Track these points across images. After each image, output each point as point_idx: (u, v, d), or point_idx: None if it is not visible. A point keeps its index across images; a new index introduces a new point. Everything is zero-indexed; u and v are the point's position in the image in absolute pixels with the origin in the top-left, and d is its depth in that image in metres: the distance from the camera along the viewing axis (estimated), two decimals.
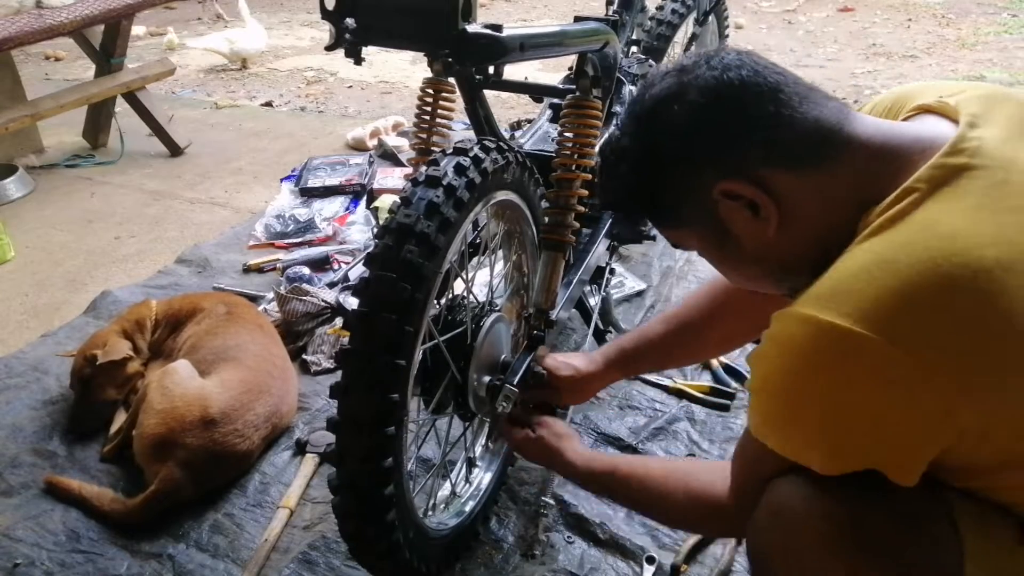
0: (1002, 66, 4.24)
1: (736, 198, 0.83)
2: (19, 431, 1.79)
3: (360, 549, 1.17)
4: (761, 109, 0.81)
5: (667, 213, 0.92)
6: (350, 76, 4.92)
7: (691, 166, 0.85)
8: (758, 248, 0.87)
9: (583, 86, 1.35)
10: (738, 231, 0.86)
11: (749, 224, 0.84)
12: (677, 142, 0.85)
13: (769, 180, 0.81)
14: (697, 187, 0.85)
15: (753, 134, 0.81)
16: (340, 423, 1.05)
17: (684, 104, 0.84)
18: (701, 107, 0.83)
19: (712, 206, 0.85)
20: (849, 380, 0.74)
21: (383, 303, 1.02)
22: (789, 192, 0.82)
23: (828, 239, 0.82)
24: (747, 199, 0.82)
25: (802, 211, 0.82)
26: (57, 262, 2.65)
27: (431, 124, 1.46)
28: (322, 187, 2.90)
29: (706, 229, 0.89)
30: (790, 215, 0.82)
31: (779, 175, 0.81)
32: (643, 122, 0.88)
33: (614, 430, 1.71)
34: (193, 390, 1.59)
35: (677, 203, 0.89)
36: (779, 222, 0.83)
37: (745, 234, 0.86)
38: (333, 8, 1.12)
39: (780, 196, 0.82)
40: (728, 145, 0.82)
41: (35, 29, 2.75)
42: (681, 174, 0.86)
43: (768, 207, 0.82)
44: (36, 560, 1.46)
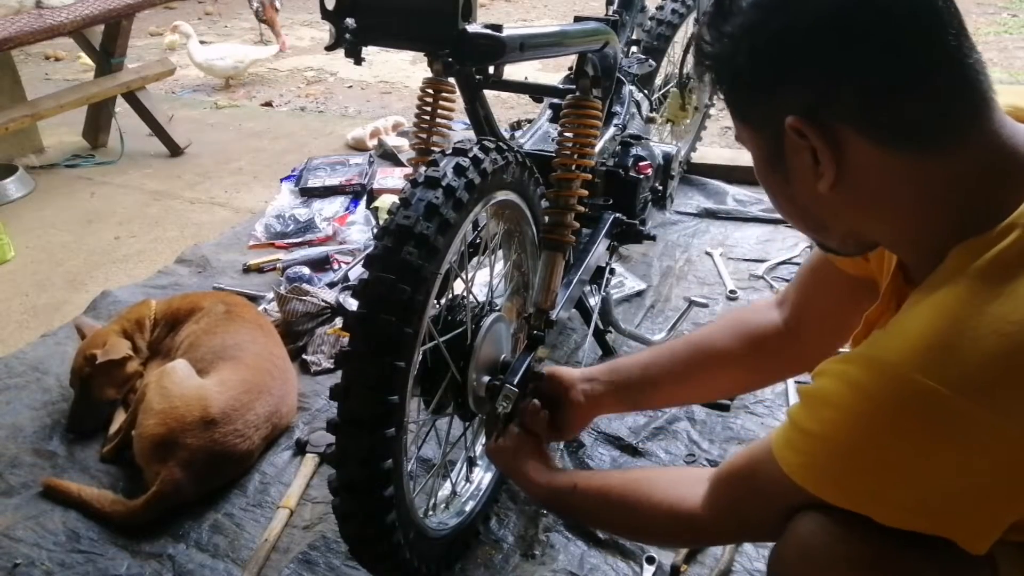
0: (1002, 66, 4.24)
1: (804, 138, 0.72)
2: (19, 431, 1.79)
3: (360, 550, 1.17)
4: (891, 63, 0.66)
5: (741, 99, 0.79)
6: (350, 76, 4.92)
7: (784, 77, 0.72)
8: (803, 194, 0.77)
9: (583, 86, 1.35)
10: (792, 169, 0.76)
11: (805, 168, 0.74)
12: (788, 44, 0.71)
13: (848, 142, 0.70)
14: (778, 101, 0.73)
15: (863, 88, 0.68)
16: (340, 425, 1.05)
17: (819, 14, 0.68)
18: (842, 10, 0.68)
19: (782, 132, 0.73)
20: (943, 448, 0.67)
21: (383, 305, 1.02)
22: (865, 164, 0.71)
23: (891, 229, 0.75)
24: (811, 145, 0.72)
25: (870, 188, 0.72)
26: (57, 262, 2.65)
27: (431, 124, 1.46)
28: (322, 187, 2.90)
29: (766, 145, 0.78)
30: (853, 184, 0.72)
31: (863, 143, 0.70)
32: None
33: (614, 430, 1.71)
34: (192, 390, 1.59)
35: (754, 99, 0.77)
36: (834, 184, 0.73)
37: (798, 176, 0.76)
38: (333, 8, 1.12)
39: (851, 162, 0.71)
40: (834, 79, 0.69)
41: (35, 29, 2.75)
42: (772, 77, 0.73)
43: (828, 167, 0.72)
44: (36, 560, 1.46)
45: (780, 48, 0.71)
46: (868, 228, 0.78)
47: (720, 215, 2.65)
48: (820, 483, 0.76)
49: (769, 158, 0.79)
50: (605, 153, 1.83)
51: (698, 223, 2.61)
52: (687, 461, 1.62)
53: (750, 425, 1.71)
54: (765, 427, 1.70)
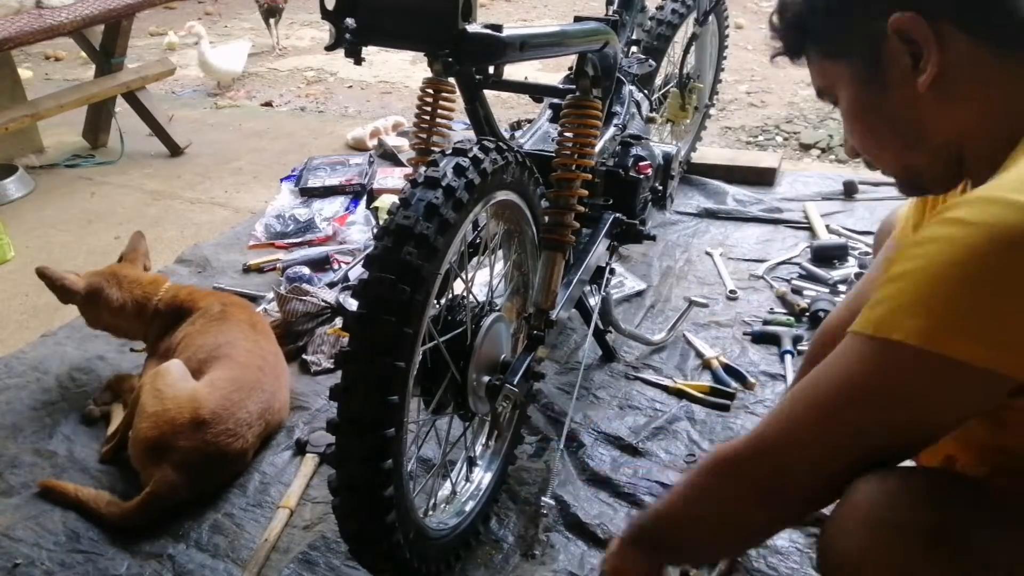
0: None
1: (906, 41, 0.76)
2: (19, 431, 1.79)
3: (361, 549, 1.17)
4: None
5: (832, 34, 0.84)
6: (350, 76, 4.92)
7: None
8: (901, 103, 0.81)
9: (583, 86, 1.35)
10: (892, 78, 0.80)
11: (905, 74, 0.78)
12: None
13: (948, 38, 0.75)
14: (876, 12, 0.78)
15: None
16: (340, 424, 1.05)
17: None
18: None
19: (880, 39, 0.78)
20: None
21: (382, 305, 1.02)
22: (961, 61, 0.75)
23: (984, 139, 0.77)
24: (916, 46, 0.76)
25: (964, 87, 0.76)
26: (57, 262, 2.63)
27: (431, 124, 1.46)
28: (322, 187, 2.90)
29: (863, 64, 0.82)
30: (949, 84, 0.76)
31: (961, 39, 0.75)
32: None
33: (614, 429, 1.71)
34: (184, 392, 1.58)
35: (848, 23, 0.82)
36: (934, 83, 0.76)
37: (896, 83, 0.80)
38: (333, 8, 1.12)
39: (950, 59, 0.75)
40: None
41: (35, 29, 2.75)
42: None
43: (930, 61, 0.75)
44: (36, 560, 1.46)
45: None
46: (961, 129, 0.79)
47: (720, 215, 2.65)
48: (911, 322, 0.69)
49: (866, 77, 0.82)
50: (605, 153, 1.83)
51: (698, 223, 2.61)
52: (687, 461, 1.62)
53: (750, 425, 1.70)
54: None
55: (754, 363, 1.91)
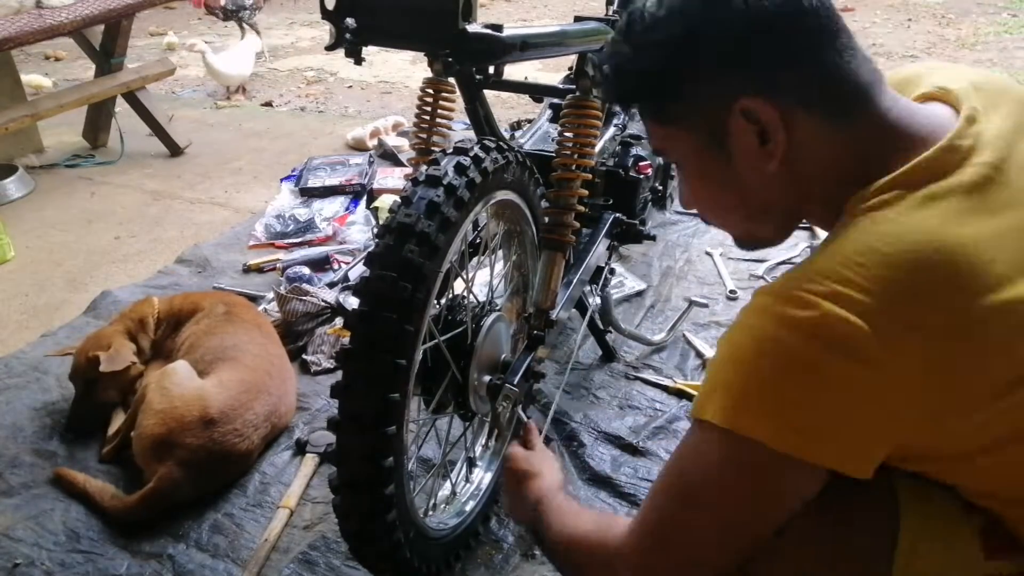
0: (1002, 66, 4.25)
1: (753, 121, 0.77)
2: (19, 431, 1.79)
3: (360, 548, 1.17)
4: (820, 41, 0.76)
5: (672, 106, 0.83)
6: (350, 76, 4.92)
7: (727, 68, 0.78)
8: (748, 179, 0.82)
9: (583, 86, 1.35)
10: (738, 153, 0.80)
11: (752, 151, 0.79)
12: (725, 37, 0.76)
13: (793, 116, 0.77)
14: (720, 91, 0.78)
15: (802, 63, 0.76)
16: (341, 423, 1.05)
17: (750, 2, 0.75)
18: (768, 12, 0.75)
19: (724, 117, 0.79)
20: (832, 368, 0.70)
21: (384, 302, 1.02)
22: (804, 136, 0.78)
23: (815, 195, 0.81)
24: (762, 125, 0.77)
25: (807, 160, 0.79)
26: (57, 262, 2.65)
27: (431, 124, 1.46)
28: (322, 187, 2.90)
29: (705, 138, 0.82)
30: (795, 159, 0.79)
31: (802, 116, 0.77)
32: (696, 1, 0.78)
33: (615, 429, 1.71)
34: (192, 390, 1.59)
35: (690, 100, 0.81)
36: (782, 161, 0.79)
37: (743, 159, 0.80)
38: (333, 8, 1.12)
39: (795, 137, 0.78)
40: (774, 63, 0.76)
41: (35, 29, 2.75)
42: (711, 72, 0.78)
43: (779, 142, 0.77)
44: (36, 560, 1.45)
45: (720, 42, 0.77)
46: (804, 196, 0.82)
47: None
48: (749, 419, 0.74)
49: (710, 149, 0.82)
50: (605, 153, 1.83)
51: (698, 223, 2.61)
52: None
53: None
54: None
55: None
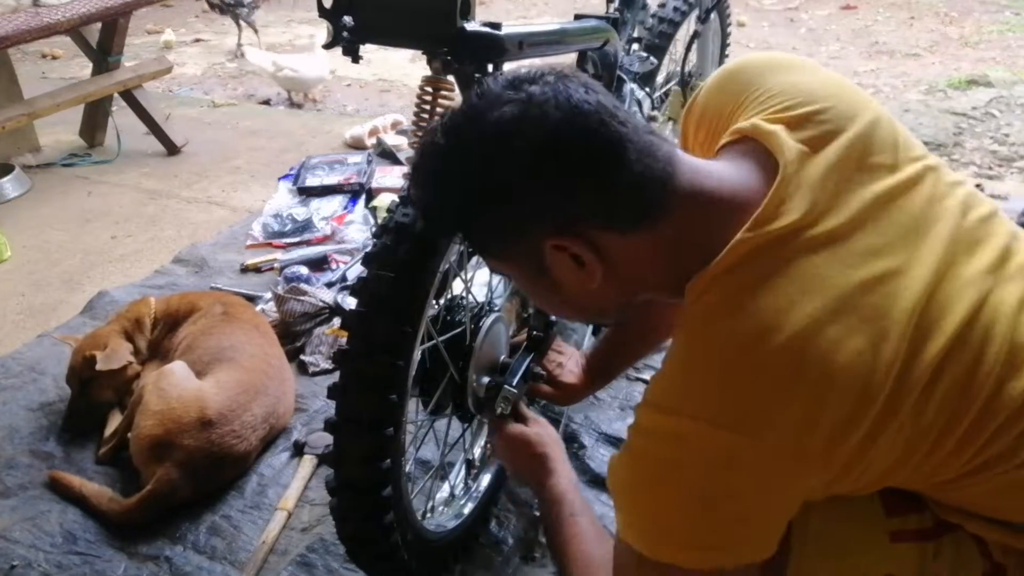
0: (1005, 64, 4.24)
1: (563, 251, 0.80)
2: (15, 432, 1.78)
3: (358, 551, 1.16)
4: (602, 164, 0.76)
5: (487, 246, 0.88)
6: (348, 74, 4.90)
7: (523, 212, 0.79)
8: (577, 295, 0.85)
9: None
10: (560, 278, 0.83)
11: (572, 273, 0.81)
12: (514, 183, 0.78)
13: (597, 238, 0.79)
14: (525, 232, 0.80)
15: (589, 190, 0.77)
16: (338, 424, 1.04)
17: (528, 142, 0.76)
18: (544, 150, 0.76)
19: (538, 251, 0.81)
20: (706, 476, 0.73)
21: (381, 303, 1.01)
22: (615, 250, 0.79)
23: (649, 287, 0.84)
24: (574, 253, 0.79)
25: (626, 268, 0.81)
26: (54, 262, 2.64)
27: (430, 122, 1.45)
28: (320, 186, 2.89)
29: (525, 267, 0.85)
30: (613, 270, 0.81)
31: (605, 234, 0.78)
32: (479, 149, 0.78)
33: (615, 430, 1.70)
34: (190, 391, 1.58)
35: (500, 240, 0.84)
36: (603, 276, 0.81)
37: (567, 282, 0.83)
38: (331, 6, 1.11)
39: (605, 253, 0.79)
40: (564, 197, 0.77)
41: (32, 27, 2.73)
42: (511, 217, 0.80)
43: (593, 264, 0.79)
44: (33, 562, 1.45)
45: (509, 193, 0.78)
46: (634, 294, 0.86)
47: None
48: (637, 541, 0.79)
49: (533, 276, 0.85)
50: None
51: None
52: None
53: None
54: None
55: None
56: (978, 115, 3.51)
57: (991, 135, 3.30)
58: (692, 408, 0.73)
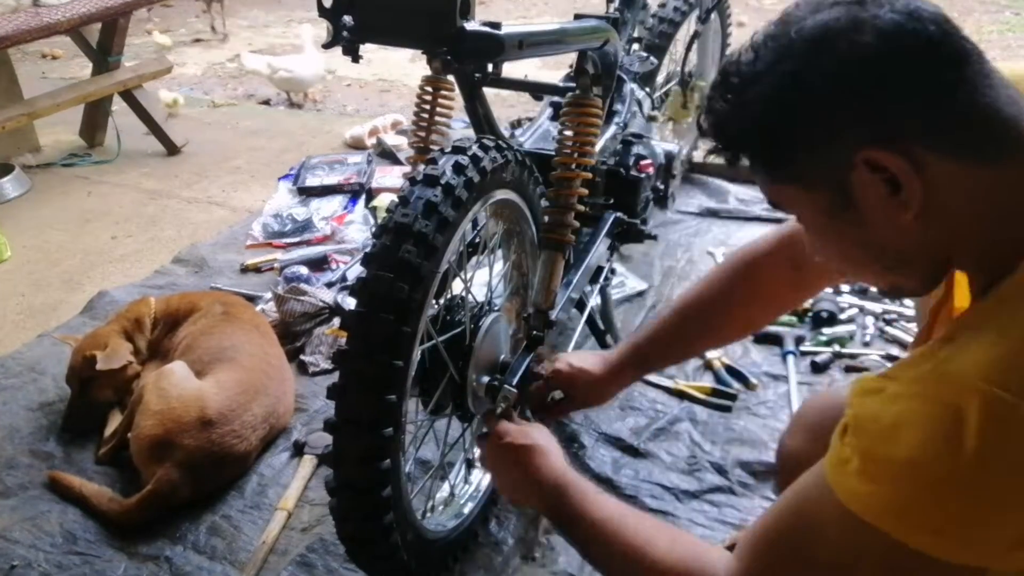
0: (1005, 64, 4.23)
1: (879, 170, 0.69)
2: (15, 432, 1.78)
3: (357, 551, 1.16)
4: (943, 76, 0.68)
5: (785, 163, 0.76)
6: (348, 74, 4.90)
7: (840, 119, 0.70)
8: (882, 231, 0.73)
9: (583, 84, 1.34)
10: (866, 207, 0.72)
11: (883, 203, 0.70)
12: (834, 85, 0.69)
13: (925, 161, 0.68)
14: (837, 145, 0.70)
15: (925, 103, 0.68)
16: (337, 424, 1.04)
17: (856, 44, 0.68)
18: (876, 53, 0.68)
19: (846, 170, 0.71)
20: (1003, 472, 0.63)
21: (380, 303, 1.01)
22: (944, 182, 0.69)
23: (973, 245, 0.72)
24: (891, 175, 0.69)
25: (953, 207, 0.70)
26: (54, 262, 2.63)
27: (430, 122, 1.45)
28: (320, 186, 2.89)
29: (827, 194, 0.74)
30: (936, 207, 0.69)
31: (938, 159, 0.68)
32: (798, 49, 0.70)
33: (615, 431, 1.70)
34: (190, 391, 1.58)
35: (804, 156, 0.74)
36: (920, 211, 0.70)
37: (874, 213, 0.72)
38: (331, 6, 1.11)
39: (931, 183, 0.68)
40: (892, 107, 0.68)
41: (32, 27, 2.73)
42: (824, 125, 0.71)
43: (915, 192, 0.69)
44: (33, 562, 1.45)
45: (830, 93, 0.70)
46: (948, 243, 0.74)
47: (722, 214, 2.64)
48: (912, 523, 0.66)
49: (833, 206, 0.74)
50: (606, 152, 1.81)
51: (700, 222, 2.60)
52: (689, 463, 1.61)
53: (752, 427, 1.69)
54: (767, 428, 1.69)
55: (756, 364, 1.90)
56: None
57: None
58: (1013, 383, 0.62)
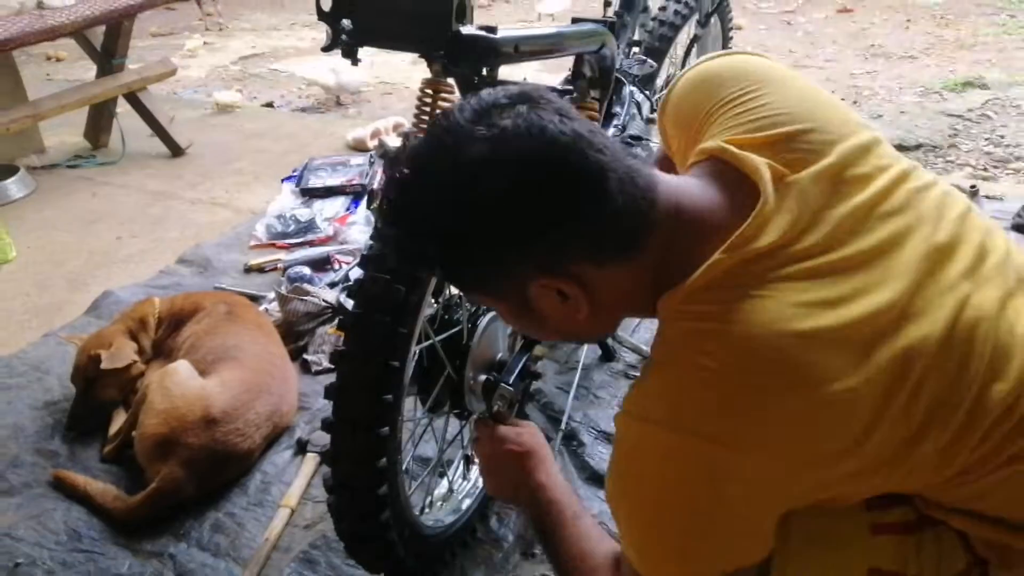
0: (1001, 67, 4.24)
1: (548, 287, 0.79)
2: (20, 431, 1.80)
3: (355, 548, 1.17)
4: (584, 199, 0.74)
5: (469, 283, 0.87)
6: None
7: (504, 251, 0.77)
8: (564, 325, 0.85)
9: (581, 87, 1.35)
10: (546, 312, 0.82)
11: (558, 308, 0.80)
12: (492, 225, 0.75)
13: (581, 273, 0.77)
14: (508, 274, 0.79)
15: (571, 226, 0.74)
16: (335, 424, 1.05)
17: (502, 179, 0.72)
18: (521, 186, 0.73)
19: (522, 289, 0.80)
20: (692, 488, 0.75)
21: (377, 305, 1.02)
22: (600, 282, 0.79)
23: (631, 310, 0.86)
24: (559, 288, 0.78)
25: (611, 297, 0.81)
26: (58, 262, 2.66)
27: (430, 124, 1.46)
28: (323, 187, 2.91)
29: (511, 301, 0.84)
30: (599, 301, 0.80)
31: (590, 268, 0.77)
32: (452, 195, 0.75)
33: (614, 428, 1.71)
34: (194, 390, 1.60)
35: (483, 279, 0.83)
36: (589, 308, 0.80)
37: (552, 316, 0.82)
38: (330, 9, 1.13)
39: (591, 287, 0.78)
40: (545, 236, 0.75)
41: (36, 30, 2.76)
42: (491, 260, 0.78)
43: (580, 300, 0.79)
44: (37, 559, 1.46)
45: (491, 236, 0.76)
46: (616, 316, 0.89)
47: None
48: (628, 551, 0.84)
49: (517, 310, 0.85)
50: None
51: None
52: None
53: None
54: None
55: None
56: (974, 117, 3.52)
57: (986, 137, 3.31)
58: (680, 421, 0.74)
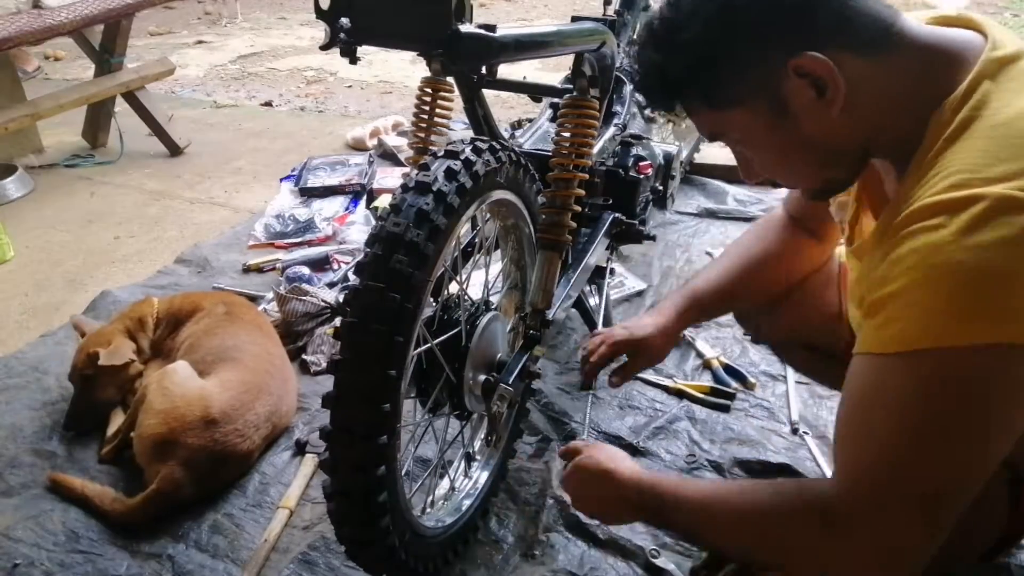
0: None
1: (805, 75, 0.81)
2: (18, 431, 1.79)
3: (356, 552, 1.17)
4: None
5: (723, 90, 0.87)
6: (350, 76, 4.91)
7: (766, 38, 0.82)
8: (815, 129, 0.85)
9: (580, 86, 1.34)
10: (799, 111, 0.84)
11: (812, 104, 0.83)
12: (756, 10, 0.81)
13: (840, 61, 0.80)
14: (768, 61, 0.82)
15: (829, 10, 0.81)
16: (332, 432, 1.04)
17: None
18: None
19: (777, 82, 0.83)
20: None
21: (373, 313, 1.00)
22: (856, 76, 0.82)
23: (885, 130, 0.85)
24: (815, 77, 0.81)
25: (866, 97, 0.83)
26: (57, 262, 2.65)
27: (429, 123, 1.46)
28: (322, 187, 2.90)
29: (764, 108, 0.86)
30: (854, 100, 0.82)
31: (848, 57, 0.81)
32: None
33: (615, 429, 1.71)
34: (193, 390, 1.59)
35: (739, 78, 0.85)
36: (844, 105, 0.82)
37: (806, 115, 0.84)
38: (328, 8, 1.12)
39: (848, 79, 0.81)
40: (806, 18, 0.81)
41: (34, 29, 2.75)
42: (754, 46, 0.83)
43: (837, 88, 0.81)
44: (36, 560, 1.46)
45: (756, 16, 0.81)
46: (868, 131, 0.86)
47: (721, 215, 2.64)
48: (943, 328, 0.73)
49: (770, 117, 0.86)
50: (605, 153, 1.82)
51: (699, 223, 2.61)
52: (687, 461, 1.62)
53: (750, 428, 1.70)
54: (765, 430, 1.69)
55: (754, 363, 1.91)
56: None
57: None
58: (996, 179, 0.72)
